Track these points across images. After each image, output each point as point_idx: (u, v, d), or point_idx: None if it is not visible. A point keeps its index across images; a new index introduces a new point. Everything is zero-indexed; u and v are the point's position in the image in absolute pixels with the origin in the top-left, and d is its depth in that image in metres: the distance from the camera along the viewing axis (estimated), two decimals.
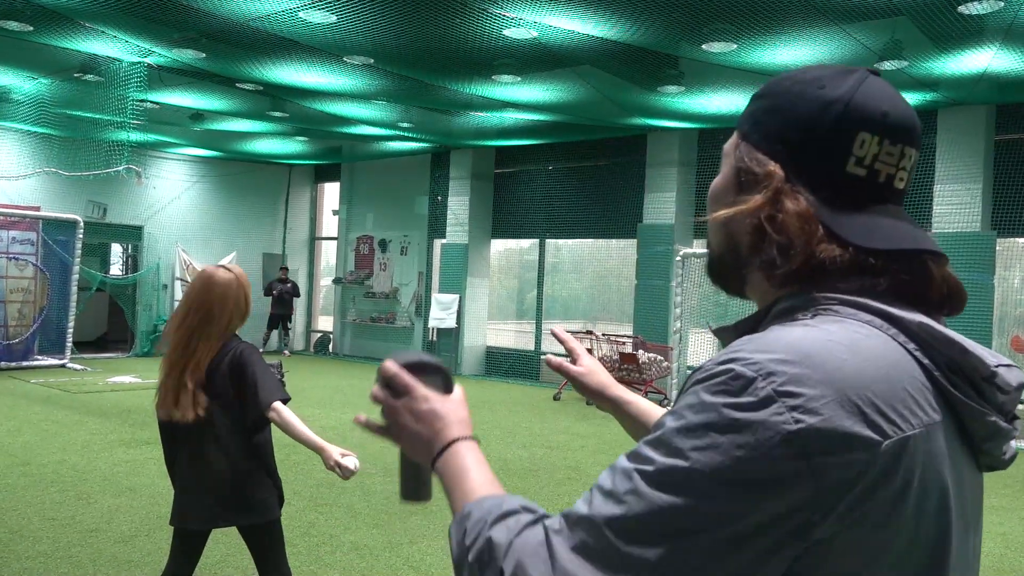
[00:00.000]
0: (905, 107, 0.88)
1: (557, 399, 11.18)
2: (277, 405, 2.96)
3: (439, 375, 1.03)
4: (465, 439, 0.96)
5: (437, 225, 15.16)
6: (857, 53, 7.51)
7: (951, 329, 0.82)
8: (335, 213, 17.58)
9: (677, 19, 6.94)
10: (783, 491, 0.70)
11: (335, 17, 7.33)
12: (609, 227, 13.12)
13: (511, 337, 14.69)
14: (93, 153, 12.06)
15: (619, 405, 1.35)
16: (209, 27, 7.75)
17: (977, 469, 0.86)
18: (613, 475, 0.76)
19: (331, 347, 17.00)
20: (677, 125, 11.46)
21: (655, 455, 0.74)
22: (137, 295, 15.37)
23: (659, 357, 10.93)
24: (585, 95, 9.77)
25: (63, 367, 13.00)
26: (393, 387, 1.03)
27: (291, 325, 16.75)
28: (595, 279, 14.34)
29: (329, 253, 18.27)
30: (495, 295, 15.31)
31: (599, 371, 1.40)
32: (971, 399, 0.80)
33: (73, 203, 14.21)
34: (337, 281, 17.02)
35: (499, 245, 15.34)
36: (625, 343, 11.43)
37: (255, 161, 16.70)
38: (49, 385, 11.12)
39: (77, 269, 13.39)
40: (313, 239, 18.19)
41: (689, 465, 0.72)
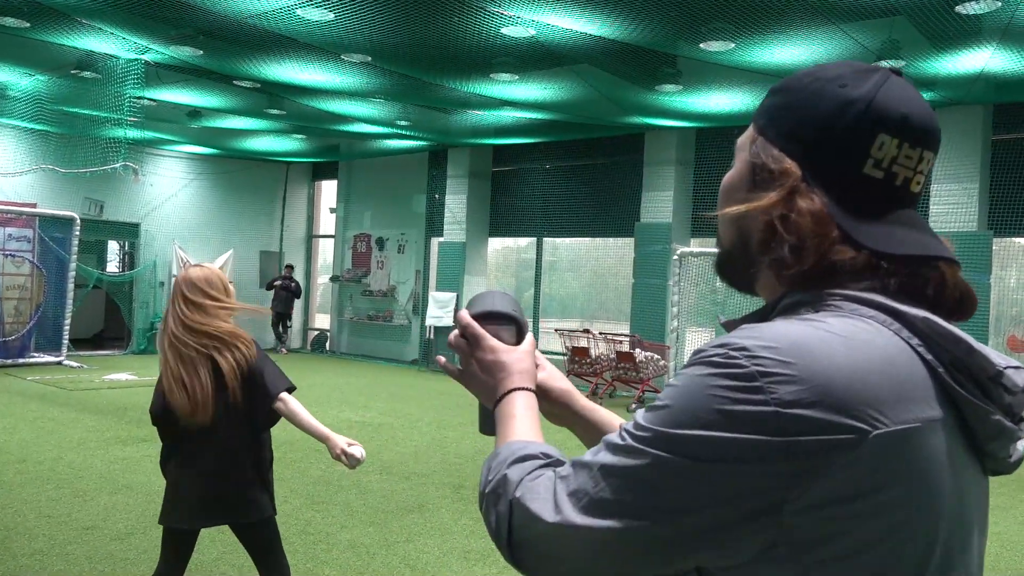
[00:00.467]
0: (926, 109, 0.87)
1: None
2: (284, 395, 2.98)
3: (511, 323, 1.12)
4: (521, 389, 1.05)
5: (434, 223, 15.16)
6: (855, 52, 7.52)
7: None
8: (332, 211, 17.57)
9: (675, 18, 6.94)
10: (758, 464, 0.73)
11: (333, 15, 7.32)
12: (606, 226, 13.12)
13: None
14: (90, 150, 12.03)
15: (580, 414, 1.21)
16: (207, 24, 7.74)
17: (982, 473, 0.85)
18: (618, 433, 0.82)
19: (328, 345, 16.99)
20: (675, 124, 11.46)
21: (649, 420, 0.79)
22: (134, 292, 15.35)
23: (656, 356, 10.94)
24: (583, 94, 9.77)
25: (59, 364, 12.98)
26: (466, 336, 1.11)
27: (290, 324, 16.75)
28: (592, 278, 14.35)
29: (326, 251, 18.25)
30: None
31: (559, 376, 1.23)
32: (976, 397, 0.79)
33: (70, 200, 14.18)
34: (334, 279, 17.01)
35: (496, 243, 15.34)
36: (622, 342, 11.43)
37: (252, 159, 16.68)
38: (45, 382, 11.11)
39: (74, 266, 13.36)
40: (310, 237, 18.18)
41: (675, 431, 0.76)
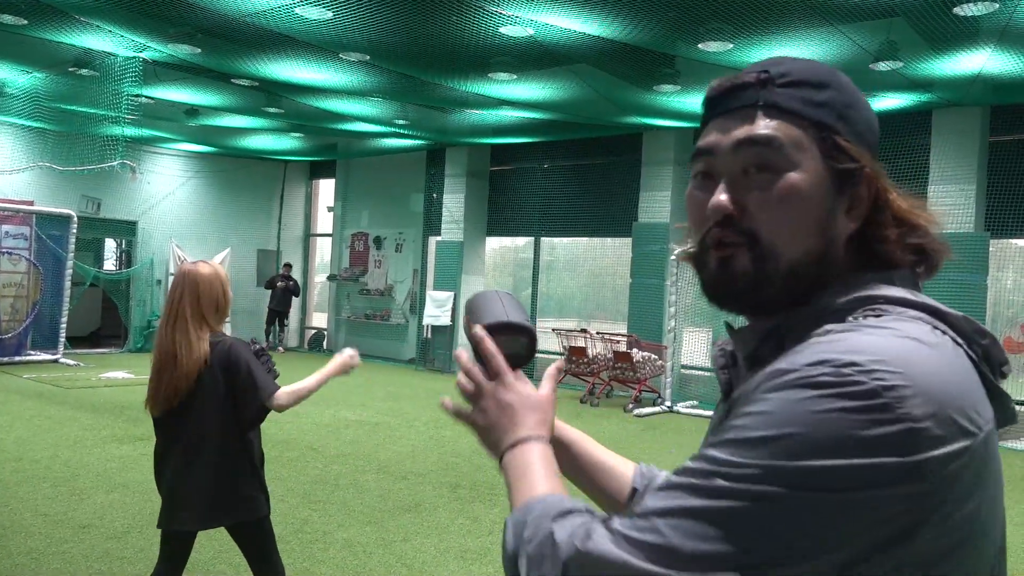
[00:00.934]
0: None
1: None
2: (277, 393, 2.97)
3: (525, 335, 1.02)
4: (539, 439, 0.96)
5: (432, 222, 15.15)
6: (853, 53, 7.52)
7: None
8: (330, 210, 17.55)
9: (673, 18, 6.95)
10: (894, 488, 0.67)
11: (331, 13, 7.31)
12: (604, 226, 13.13)
13: None
14: (87, 148, 12.01)
15: (565, 447, 1.15)
16: (205, 22, 7.73)
17: None
18: (685, 474, 0.73)
19: (325, 344, 16.98)
20: (673, 124, 11.47)
21: (747, 455, 0.70)
22: (131, 291, 15.33)
23: (653, 356, 10.95)
24: (581, 93, 9.77)
25: (56, 362, 12.96)
26: (480, 356, 1.01)
27: (287, 322, 16.75)
28: (590, 277, 14.35)
29: (324, 250, 18.24)
30: None
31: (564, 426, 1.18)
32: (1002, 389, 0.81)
33: (67, 198, 14.16)
34: (332, 278, 17.00)
35: (494, 243, 15.33)
36: (619, 342, 11.44)
37: (250, 157, 16.67)
38: (42, 380, 11.09)
39: (71, 264, 13.35)
40: (308, 236, 18.17)
41: (793, 463, 0.68)
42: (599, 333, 11.78)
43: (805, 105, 0.83)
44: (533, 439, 0.96)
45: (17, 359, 12.74)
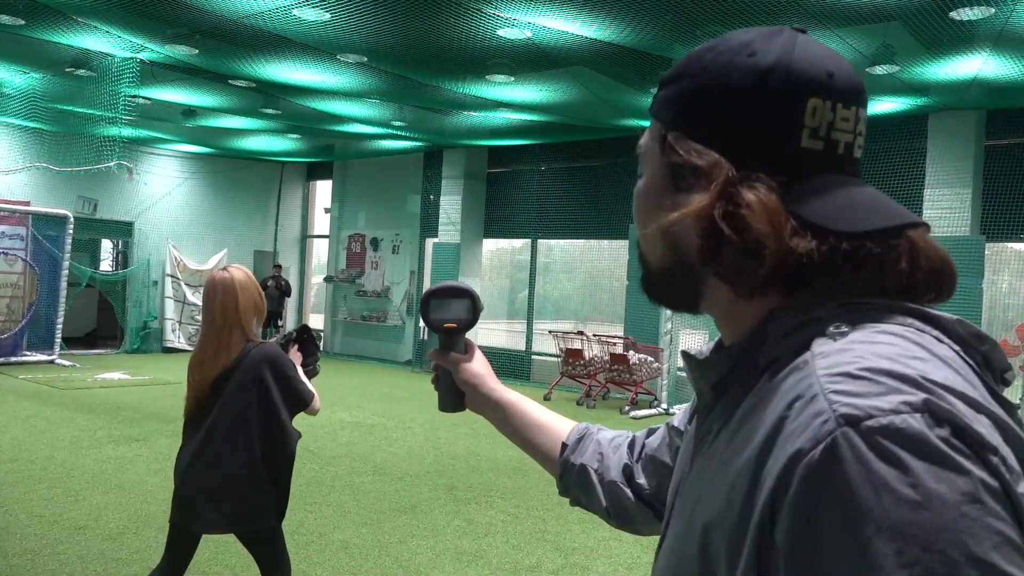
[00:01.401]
0: (846, 63, 0.76)
1: (547, 399, 11.19)
2: (315, 400, 3.11)
3: (467, 298, 1.22)
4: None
5: (429, 224, 15.16)
6: (849, 57, 7.55)
7: None
8: (327, 211, 17.55)
9: (670, 21, 6.96)
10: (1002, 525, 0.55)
11: (329, 15, 7.32)
12: (601, 228, 13.14)
13: (502, 336, 14.70)
14: (84, 148, 12.00)
15: (502, 407, 1.21)
16: (202, 23, 7.73)
17: None
18: None
19: (322, 345, 16.98)
20: None
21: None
22: (127, 291, 15.31)
23: (650, 358, 10.96)
24: (578, 96, 9.78)
25: (52, 363, 12.94)
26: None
27: (282, 323, 16.73)
28: (586, 279, 14.36)
29: (321, 251, 18.23)
30: (486, 295, 15.30)
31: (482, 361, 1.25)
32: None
33: (63, 198, 14.14)
34: (328, 279, 16.99)
35: (491, 245, 15.34)
36: (616, 344, 11.44)
37: (247, 158, 16.66)
38: (38, 381, 11.07)
39: (67, 264, 13.33)
40: (305, 237, 18.16)
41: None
42: (595, 335, 11.79)
43: (658, 105, 0.80)
44: None
45: (13, 360, 12.72)
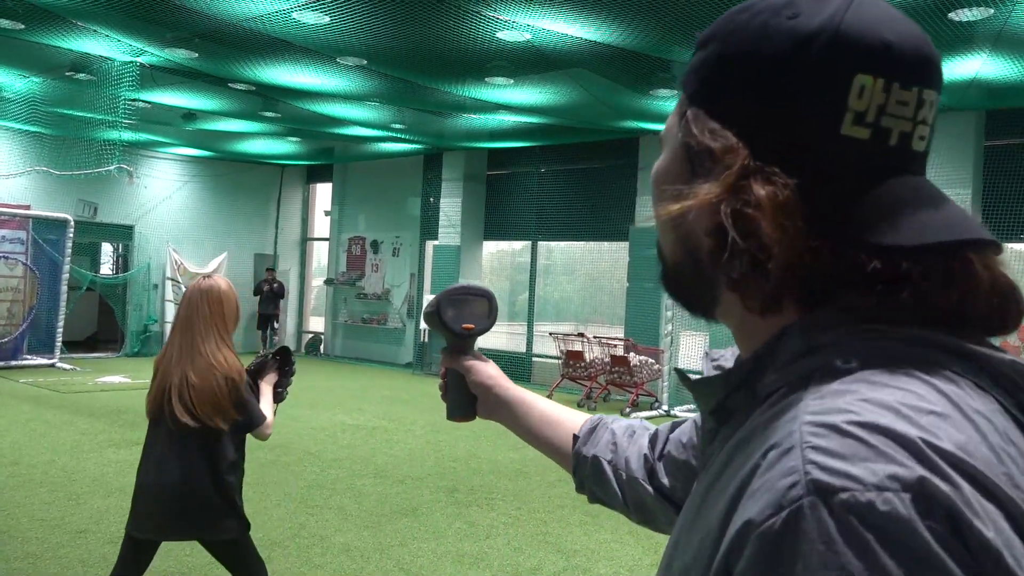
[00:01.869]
0: (914, 30, 0.60)
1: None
2: (266, 423, 3.04)
3: (484, 299, 1.19)
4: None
5: (429, 226, 15.16)
6: None
7: None
8: (327, 214, 17.56)
9: (670, 23, 6.97)
10: None
11: (328, 18, 7.32)
12: (601, 230, 13.14)
13: (503, 339, 14.69)
14: (84, 152, 12.02)
15: (511, 405, 1.15)
16: (202, 27, 7.74)
17: None
18: None
19: (322, 348, 16.97)
20: None
21: None
22: (127, 295, 15.31)
23: (650, 360, 10.96)
24: (578, 98, 9.79)
25: (52, 367, 12.94)
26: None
27: (278, 325, 16.72)
28: (587, 281, 14.37)
29: (321, 254, 18.24)
30: None
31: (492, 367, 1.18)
32: None
33: (64, 202, 14.15)
34: (329, 282, 17.00)
35: (491, 247, 15.35)
36: (616, 345, 11.44)
37: (247, 161, 16.67)
38: (38, 385, 11.07)
39: (67, 268, 13.33)
40: (305, 240, 18.16)
41: None
42: (596, 337, 11.79)
43: (685, 74, 0.68)
44: None
45: (14, 363, 12.72)
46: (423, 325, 14.41)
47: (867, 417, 0.49)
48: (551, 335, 12.48)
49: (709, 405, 0.66)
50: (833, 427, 0.49)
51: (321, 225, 18.09)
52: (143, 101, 10.50)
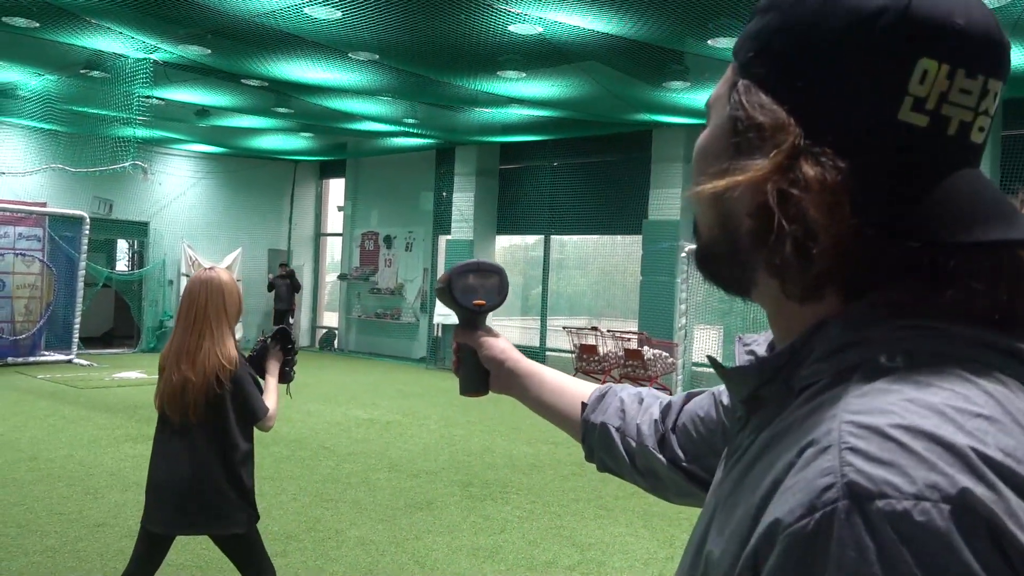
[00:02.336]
0: (987, 16, 0.57)
1: None
2: (269, 415, 3.04)
3: (495, 275, 1.18)
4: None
5: (442, 221, 15.18)
6: None
7: None
8: (340, 209, 17.61)
9: (682, 14, 6.93)
10: None
11: (340, 13, 7.33)
12: (614, 223, 13.11)
13: (516, 333, 14.70)
14: (99, 149, 12.09)
15: (521, 377, 1.15)
16: (215, 23, 7.76)
17: None
18: None
19: (336, 343, 17.03)
20: (682, 121, 11.44)
21: None
22: (143, 291, 15.42)
23: (664, 353, 10.93)
24: (590, 91, 9.76)
25: (69, 363, 13.05)
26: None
27: (292, 320, 16.79)
28: (600, 275, 14.35)
29: (334, 249, 18.30)
30: None
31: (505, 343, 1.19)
32: None
33: (79, 199, 14.25)
34: (342, 277, 17.05)
35: (504, 241, 15.34)
36: (630, 339, 11.43)
37: (260, 157, 16.73)
38: (56, 380, 11.17)
39: (83, 265, 13.43)
40: (318, 235, 18.22)
41: None
42: (610, 331, 11.78)
43: (739, 42, 0.65)
44: None
45: (31, 359, 12.84)
46: (436, 320, 14.44)
47: (911, 420, 0.47)
48: (564, 329, 12.47)
49: (741, 394, 0.65)
50: (874, 429, 0.47)
51: (334, 220, 18.14)
52: (157, 98, 10.55)
